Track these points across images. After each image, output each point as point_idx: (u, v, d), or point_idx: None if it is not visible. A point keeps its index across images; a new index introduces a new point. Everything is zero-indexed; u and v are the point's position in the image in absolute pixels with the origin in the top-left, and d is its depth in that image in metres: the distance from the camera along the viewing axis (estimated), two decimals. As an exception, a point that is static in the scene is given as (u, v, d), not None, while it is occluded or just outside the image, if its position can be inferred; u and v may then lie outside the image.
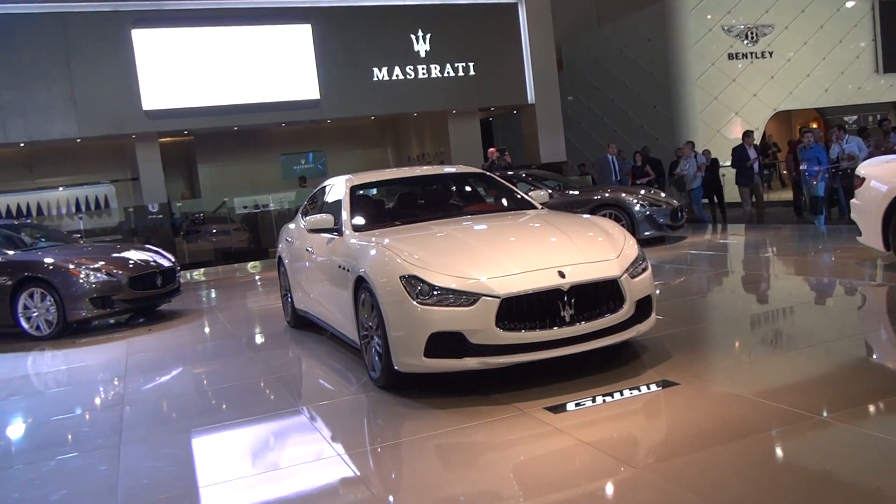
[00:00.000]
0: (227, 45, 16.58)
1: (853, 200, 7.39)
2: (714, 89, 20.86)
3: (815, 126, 21.56)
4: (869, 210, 6.95)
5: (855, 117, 21.12)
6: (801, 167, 12.60)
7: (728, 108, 21.07)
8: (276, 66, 16.86)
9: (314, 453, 3.87)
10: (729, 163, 15.79)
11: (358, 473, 3.54)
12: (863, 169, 7.27)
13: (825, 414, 3.60)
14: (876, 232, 6.87)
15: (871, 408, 3.68)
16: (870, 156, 10.42)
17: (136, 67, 15.85)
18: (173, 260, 9.37)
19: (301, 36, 17.02)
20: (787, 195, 15.84)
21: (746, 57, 21.28)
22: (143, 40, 15.95)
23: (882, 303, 6.26)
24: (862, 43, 22.72)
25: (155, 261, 8.91)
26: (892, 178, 6.73)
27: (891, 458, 3.11)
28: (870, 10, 22.63)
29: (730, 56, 21.08)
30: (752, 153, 13.62)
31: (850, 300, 6.53)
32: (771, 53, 21.55)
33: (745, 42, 21.24)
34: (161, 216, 16.41)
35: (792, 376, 4.36)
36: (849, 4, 22.44)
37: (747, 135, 14.04)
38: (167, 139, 18.44)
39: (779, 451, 3.33)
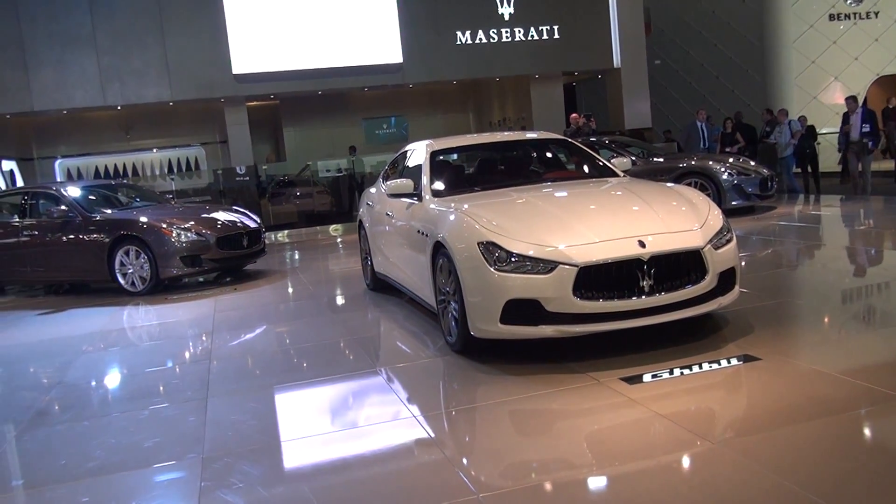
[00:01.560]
0: (314, 9, 16.77)
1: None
2: (812, 52, 19.87)
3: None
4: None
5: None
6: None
7: (826, 73, 20.05)
8: (359, 30, 16.98)
9: (390, 414, 3.97)
10: (826, 130, 15.08)
11: (433, 435, 3.61)
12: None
13: (917, 396, 3.45)
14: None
15: (969, 391, 3.50)
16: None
17: (226, 32, 16.26)
18: (259, 221, 9.65)
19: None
20: (890, 165, 15.04)
21: (850, 18, 20.15)
22: (234, 4, 16.30)
23: None
24: (980, 1, 21.15)
25: (241, 222, 9.20)
26: None
27: None
28: None
29: (831, 17, 20.00)
30: (857, 119, 12.91)
31: (951, 278, 6.18)
32: (877, 14, 20.33)
33: (849, 2, 20.08)
34: (248, 178, 16.90)
35: (883, 355, 4.18)
36: (966, -40, 20.87)
37: (851, 100, 13.33)
38: (254, 103, 18.89)
39: (862, 432, 3.22)
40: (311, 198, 17.69)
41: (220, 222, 8.97)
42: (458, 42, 17.52)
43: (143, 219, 8.69)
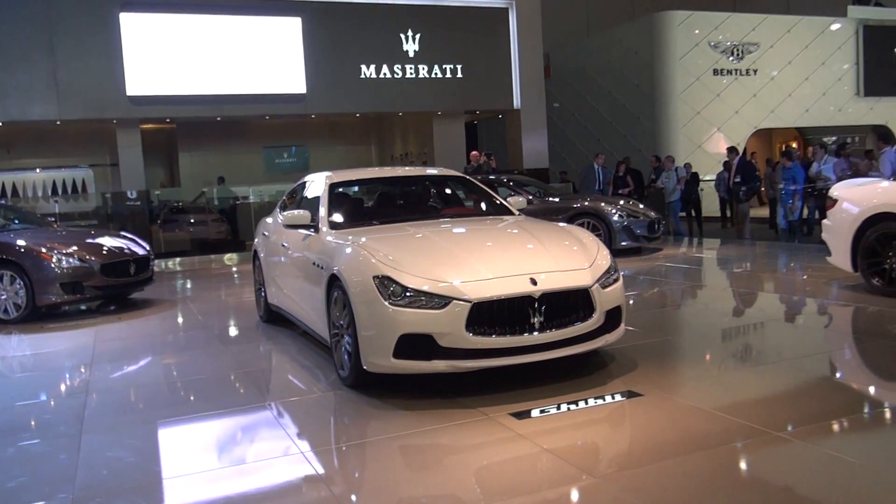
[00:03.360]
0: (215, 34, 16.49)
1: (825, 221, 7.50)
2: (697, 104, 21.07)
3: (794, 146, 21.84)
4: (839, 231, 7.06)
5: (834, 138, 21.39)
6: (778, 186, 12.75)
7: (710, 124, 21.28)
8: (263, 59, 16.80)
9: (279, 450, 3.87)
10: (709, 177, 15.99)
11: (322, 472, 3.55)
12: (836, 190, 7.39)
13: (786, 430, 3.66)
14: (845, 253, 6.98)
15: (831, 426, 3.74)
16: (845, 177, 10.58)
17: (121, 51, 15.72)
18: (148, 248, 9.30)
19: (290, 29, 16.97)
20: (765, 212, 16.04)
21: (731, 73, 21.53)
22: (131, 24, 15.82)
23: (847, 322, 6.36)
24: (845, 65, 23.06)
25: (129, 248, 8.83)
26: (864, 201, 6.84)
27: (847, 476, 3.17)
28: (854, 34, 22.98)
29: (715, 72, 21.31)
30: (736, 169, 13.75)
31: (818, 318, 6.63)
32: (755, 71, 21.82)
33: (731, 59, 21.48)
34: (139, 203, 16.28)
35: (757, 392, 4.42)
36: (834, 27, 22.75)
37: (730, 151, 14.21)
38: (149, 126, 18.30)
39: (736, 466, 3.38)
40: (205, 225, 17.22)
41: (105, 248, 8.58)
42: (363, 76, 17.61)
43: (21, 242, 8.22)
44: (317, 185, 6.27)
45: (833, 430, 3.70)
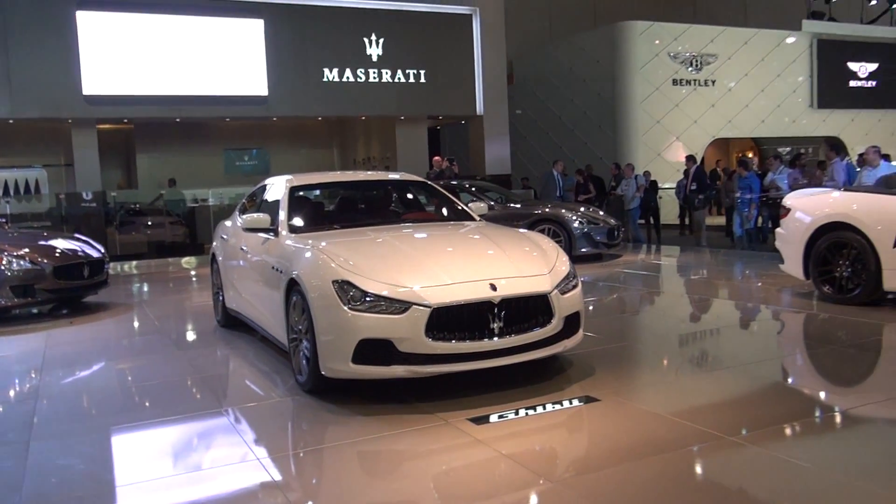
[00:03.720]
0: (175, 34, 16.26)
1: (778, 230, 7.67)
2: (657, 113, 21.38)
3: (750, 155, 22.30)
4: (792, 240, 7.23)
5: (789, 149, 21.89)
6: (734, 194, 13.00)
7: (669, 133, 21.62)
8: (224, 60, 16.61)
9: (235, 456, 3.82)
10: (668, 185, 16.25)
11: (278, 478, 3.51)
12: (789, 200, 7.56)
13: (739, 435, 3.73)
14: (797, 261, 7.14)
15: (783, 430, 3.82)
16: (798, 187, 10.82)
17: (78, 50, 15.40)
18: (103, 251, 9.11)
19: (252, 31, 16.81)
20: (722, 220, 16.31)
21: (690, 84, 21.89)
22: (88, 22, 15.51)
23: (799, 329, 6.51)
24: (799, 78, 23.62)
25: (83, 251, 8.64)
26: (816, 210, 7.01)
27: (798, 480, 3.24)
28: (808, 47, 23.55)
29: (674, 82, 21.65)
30: (692, 178, 13.98)
31: (771, 325, 6.77)
32: (713, 82, 22.22)
33: (690, 69, 21.85)
34: (94, 205, 15.96)
35: (712, 397, 4.49)
36: (789, 40, 23.29)
37: (688, 159, 14.44)
38: (105, 126, 17.96)
39: (691, 470, 3.43)
40: (163, 228, 16.94)
41: (58, 250, 8.39)
42: (325, 79, 17.52)
43: (-30, 243, 7.99)
44: (277, 188, 6.21)
45: (785, 435, 3.77)
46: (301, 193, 6.11)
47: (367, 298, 4.25)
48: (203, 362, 6.03)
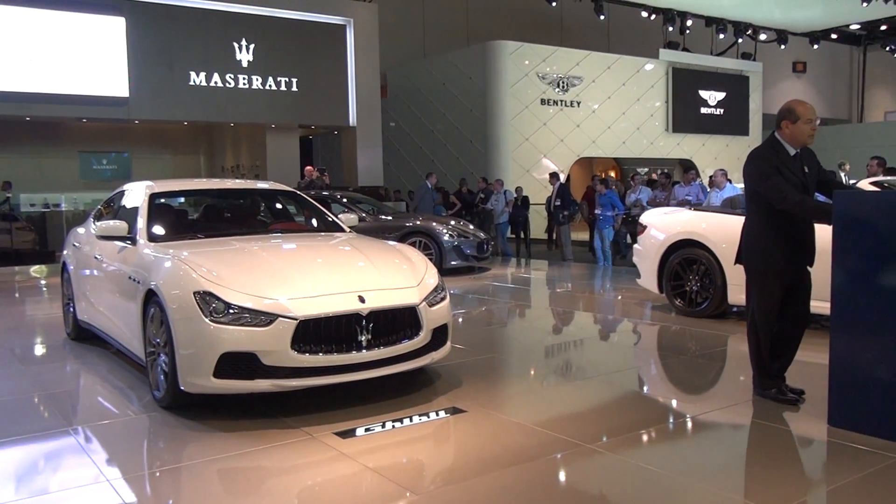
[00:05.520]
0: (28, 28, 15.19)
1: (635, 246, 8.09)
2: (526, 131, 22.04)
3: (612, 174, 23.40)
4: (648, 256, 7.64)
5: (646, 169, 23.13)
6: (595, 211, 13.57)
7: (538, 150, 22.33)
8: (81, 58, 15.68)
9: (85, 478, 3.58)
10: (537, 202, 16.78)
11: (131, 500, 3.32)
12: (645, 218, 7.99)
13: (598, 442, 3.88)
14: (652, 276, 7.56)
15: (640, 437, 4.00)
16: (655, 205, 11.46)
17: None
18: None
19: (113, 29, 15.97)
20: (587, 236, 17.01)
21: (557, 104, 22.72)
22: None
23: (654, 340, 6.87)
24: (657, 103, 25.04)
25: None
26: (669, 228, 7.45)
27: (650, 484, 3.41)
28: (664, 75, 25.03)
29: (542, 101, 22.40)
30: (556, 194, 14.48)
31: (629, 336, 7.10)
32: (579, 103, 23.18)
33: (557, 90, 22.68)
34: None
35: (573, 406, 4.66)
36: (648, 67, 24.67)
37: (552, 176, 14.95)
38: (-56, 122, 16.54)
39: (553, 478, 3.54)
40: (9, 234, 15.72)
41: None
42: (192, 82, 16.90)
43: None
44: (136, 194, 5.92)
45: (641, 441, 3.96)
46: (162, 200, 5.86)
47: (231, 310, 4.11)
48: (51, 378, 5.63)
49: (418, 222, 11.50)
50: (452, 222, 11.89)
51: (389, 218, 11.82)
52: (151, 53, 16.38)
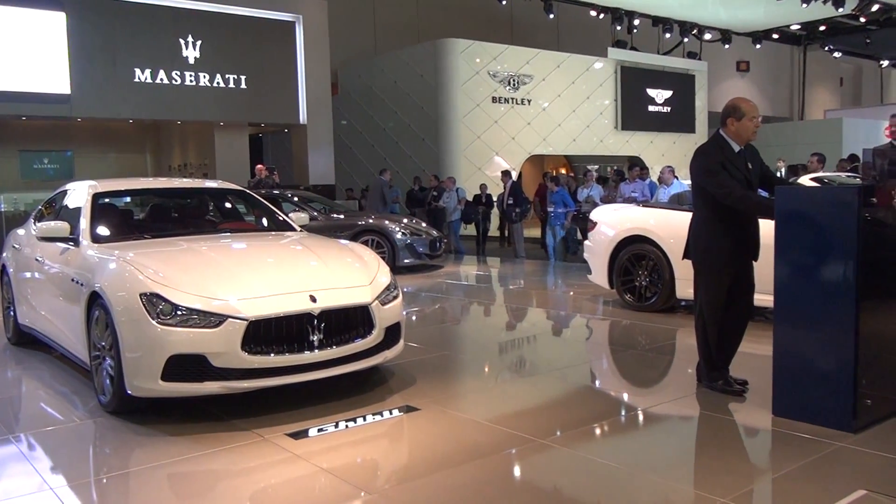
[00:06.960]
0: (-39, 23, 14.68)
1: (586, 242, 8.18)
2: (478, 129, 22.11)
3: (563, 171, 23.63)
4: (598, 252, 7.73)
5: (597, 166, 23.39)
6: (548, 209, 13.68)
7: (489, 148, 22.43)
8: (19, 54, 15.18)
9: (28, 487, 3.48)
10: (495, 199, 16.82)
11: (74, 508, 3.23)
12: (595, 214, 8.08)
13: (551, 437, 3.91)
14: (603, 271, 7.65)
15: (593, 431, 4.05)
16: (605, 202, 11.61)
17: None
18: None
19: (53, 24, 15.49)
20: (538, 233, 17.15)
21: (508, 102, 22.83)
22: None
23: (605, 335, 6.96)
24: (606, 101, 25.36)
25: None
26: (619, 224, 7.55)
27: (602, 477, 3.45)
28: (613, 73, 25.36)
29: (493, 99, 22.49)
30: (508, 192, 14.56)
31: (581, 331, 7.18)
32: (529, 101, 23.33)
33: (508, 88, 22.80)
34: None
35: (527, 402, 4.69)
36: (597, 66, 24.96)
37: (504, 174, 15.02)
38: None
39: (507, 473, 3.56)
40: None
41: None
42: (137, 79, 16.52)
43: None
44: (79, 194, 5.77)
45: (594, 435, 4.01)
46: (106, 200, 5.73)
47: (179, 312, 4.03)
48: (-11, 385, 5.46)
49: (370, 221, 11.45)
50: (405, 220, 11.86)
51: (342, 217, 11.74)
52: (94, 49, 15.96)
